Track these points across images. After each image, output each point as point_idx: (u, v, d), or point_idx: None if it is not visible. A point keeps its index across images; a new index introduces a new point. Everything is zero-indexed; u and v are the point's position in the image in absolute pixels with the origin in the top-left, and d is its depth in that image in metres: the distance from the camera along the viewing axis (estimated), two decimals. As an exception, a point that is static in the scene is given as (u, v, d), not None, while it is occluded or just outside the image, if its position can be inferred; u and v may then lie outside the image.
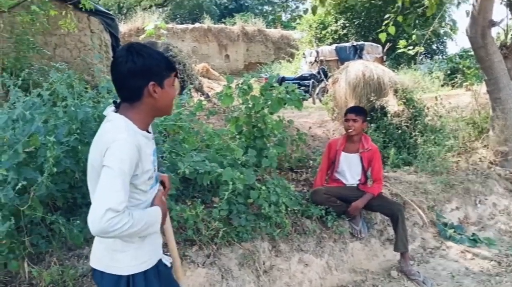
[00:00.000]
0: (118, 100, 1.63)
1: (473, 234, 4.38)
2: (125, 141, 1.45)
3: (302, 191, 4.17)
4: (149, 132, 1.64)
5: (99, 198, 1.40)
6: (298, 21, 18.26)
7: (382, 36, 5.80)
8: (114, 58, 1.56)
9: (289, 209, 3.60)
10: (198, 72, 14.57)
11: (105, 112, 1.61)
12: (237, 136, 3.92)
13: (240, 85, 3.51)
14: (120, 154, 1.44)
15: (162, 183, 1.94)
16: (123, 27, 18.35)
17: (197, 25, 20.44)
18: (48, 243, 2.37)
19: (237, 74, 19.04)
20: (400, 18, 5.78)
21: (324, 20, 17.34)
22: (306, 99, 11.24)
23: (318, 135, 7.20)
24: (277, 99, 3.59)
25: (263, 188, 3.42)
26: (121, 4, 25.02)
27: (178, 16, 28.31)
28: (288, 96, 3.65)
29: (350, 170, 3.93)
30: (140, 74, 1.51)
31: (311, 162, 5.05)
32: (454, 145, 5.66)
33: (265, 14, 28.18)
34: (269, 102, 3.64)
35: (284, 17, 30.63)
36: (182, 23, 22.09)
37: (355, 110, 3.93)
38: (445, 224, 4.45)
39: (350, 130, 3.84)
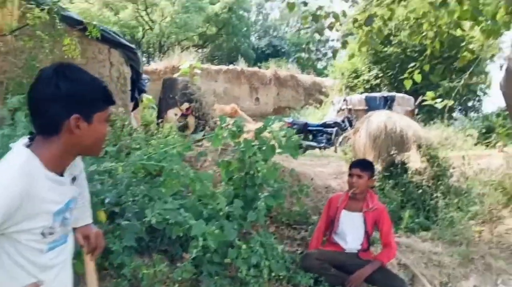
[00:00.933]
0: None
1: (495, 322, 3.73)
2: (8, 180, 1.13)
3: (295, 251, 3.70)
4: (62, 176, 1.30)
5: None
6: (331, 68, 18.14)
7: (407, 83, 5.42)
8: (36, 77, 1.25)
9: (272, 274, 3.13)
10: (225, 113, 14.54)
11: (12, 144, 1.28)
12: (226, 183, 3.56)
13: (229, 127, 3.18)
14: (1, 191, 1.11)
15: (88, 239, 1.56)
16: (159, 65, 18.82)
17: (231, 67, 20.72)
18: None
19: (266, 117, 18.96)
20: (426, 67, 5.39)
21: (357, 69, 17.11)
22: (328, 148, 10.84)
23: (332, 188, 6.71)
24: (270, 145, 3.22)
25: (244, 246, 2.99)
26: (162, 43, 25.90)
27: (216, 57, 28.96)
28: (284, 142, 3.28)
29: (351, 232, 3.44)
30: (62, 103, 1.20)
31: (314, 217, 4.58)
32: (479, 212, 5.05)
33: (301, 60, 28.35)
34: (263, 148, 3.28)
35: (320, 64, 30.82)
36: (218, 65, 22.50)
37: (361, 165, 3.50)
38: (462, 306, 3.82)
39: (353, 188, 3.40)
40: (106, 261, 2.57)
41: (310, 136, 10.60)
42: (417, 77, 5.29)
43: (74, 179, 1.39)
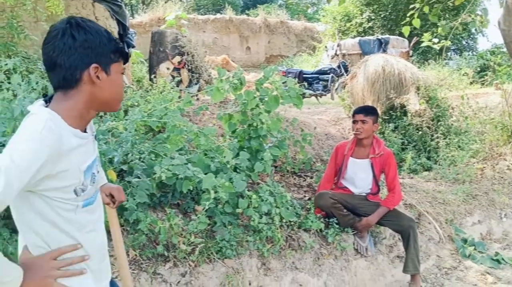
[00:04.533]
0: (50, 94, 1.26)
1: (497, 253, 3.86)
2: (38, 131, 1.08)
3: (303, 198, 3.74)
4: (86, 132, 1.27)
5: None
6: (322, 13, 17.66)
7: (406, 30, 5.30)
8: (48, 32, 1.19)
9: (283, 221, 3.18)
10: (216, 64, 14.25)
11: (30, 107, 1.22)
12: (231, 137, 3.52)
13: (231, 79, 3.09)
14: (20, 152, 1.06)
15: (112, 197, 1.60)
16: (144, 17, 18.22)
17: (218, 15, 20.09)
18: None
19: (258, 67, 18.64)
20: (426, 9, 5.24)
21: (349, 12, 16.67)
22: (325, 95, 10.77)
23: (332, 134, 6.73)
24: (273, 96, 3.15)
25: (254, 196, 3.01)
26: (145, -6, 24.89)
27: (202, 7, 27.98)
28: (287, 92, 3.22)
29: (359, 178, 3.46)
30: (79, 53, 1.16)
31: (318, 164, 4.61)
32: (479, 150, 5.11)
33: (290, 6, 27.47)
34: (265, 99, 3.22)
35: (310, 9, 29.91)
36: (204, 14, 21.77)
37: (365, 110, 3.45)
38: (465, 240, 3.94)
39: (358, 133, 3.38)
40: (121, 218, 2.58)
41: (306, 84, 10.47)
42: (416, 22, 5.15)
43: (95, 138, 1.37)
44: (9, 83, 2.23)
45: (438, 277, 3.59)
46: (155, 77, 6.99)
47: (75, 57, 1.17)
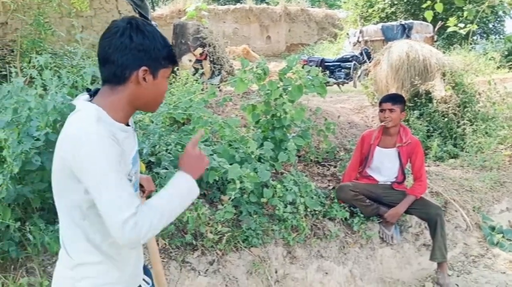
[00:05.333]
0: (94, 88, 1.34)
1: (526, 241, 3.80)
2: (99, 134, 1.16)
3: (327, 187, 3.75)
4: (128, 125, 1.33)
5: (107, 213, 1.15)
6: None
7: (429, 15, 5.16)
8: (108, 28, 1.26)
9: (308, 210, 3.20)
10: (236, 54, 14.25)
11: (75, 101, 1.30)
12: (254, 127, 3.55)
13: (254, 70, 3.11)
14: (100, 148, 1.15)
15: (141, 186, 1.67)
16: (165, 9, 18.30)
17: (238, 5, 20.00)
18: (22, 250, 2.14)
19: (279, 56, 18.55)
20: (450, -8, 5.11)
21: (371, -3, 16.37)
22: (347, 83, 10.65)
23: (356, 123, 6.67)
24: (297, 86, 3.16)
25: (279, 186, 3.04)
26: (165, -14, 24.99)
27: (222, -3, 27.91)
28: (310, 81, 3.22)
29: (385, 167, 3.44)
30: (133, 54, 1.23)
31: (341, 153, 4.60)
32: (507, 136, 4.98)
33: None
34: (289, 89, 3.22)
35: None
36: (224, 4, 21.74)
37: (392, 98, 3.40)
38: (493, 228, 3.89)
39: (386, 122, 3.35)
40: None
41: (328, 73, 10.37)
42: (439, 7, 5.03)
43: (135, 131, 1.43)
44: (41, 79, 2.31)
45: (465, 265, 3.56)
46: (178, 69, 7.05)
47: (128, 57, 1.23)
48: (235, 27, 19.37)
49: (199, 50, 7.47)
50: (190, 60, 7.57)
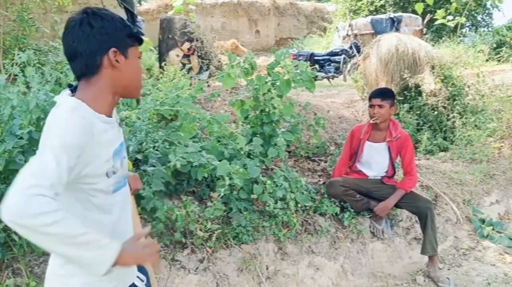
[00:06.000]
0: (76, 84, 1.31)
1: (516, 233, 3.82)
2: (69, 119, 1.14)
3: (317, 183, 3.73)
4: (111, 117, 1.30)
5: (22, 174, 1.04)
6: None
7: (419, 7, 5.15)
8: (66, 24, 1.25)
9: (299, 206, 3.18)
10: (225, 49, 14.16)
11: (56, 97, 1.28)
12: (243, 123, 3.51)
13: (242, 64, 3.07)
14: (63, 127, 1.12)
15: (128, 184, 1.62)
16: (152, 4, 18.10)
17: (226, -1, 19.86)
18: (7, 251, 2.08)
19: (268, 51, 18.47)
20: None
21: (360, -9, 16.33)
22: (337, 77, 10.63)
23: (346, 117, 6.66)
24: (285, 81, 3.12)
25: (269, 182, 3.01)
26: (152, -20, 24.70)
27: (210, -9, 27.69)
28: (299, 76, 3.18)
29: (375, 161, 3.43)
30: (97, 39, 1.22)
31: (332, 148, 4.57)
32: (496, 128, 5.00)
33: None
34: (277, 84, 3.18)
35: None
36: (212, -2, 21.56)
37: (381, 94, 3.36)
38: (483, 221, 3.91)
39: (375, 119, 3.33)
40: (139, 207, 2.60)
41: (317, 67, 10.35)
42: (429, -1, 5.00)
43: (119, 125, 1.40)
44: (24, 76, 2.24)
45: (456, 258, 3.57)
46: (165, 64, 6.97)
47: (94, 43, 1.21)
48: (223, 22, 19.24)
49: (187, 45, 7.37)
50: (177, 55, 7.47)
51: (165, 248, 2.63)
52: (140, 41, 1.33)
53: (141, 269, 1.55)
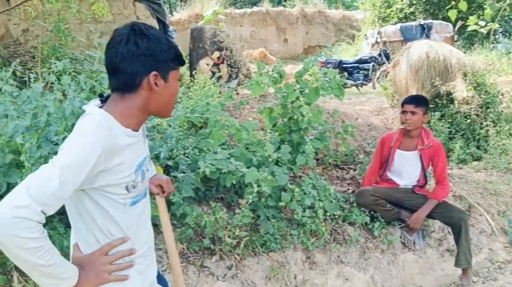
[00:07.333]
0: (106, 94, 1.33)
1: (555, 246, 3.66)
2: (89, 134, 1.14)
3: (346, 191, 3.69)
4: (136, 131, 1.30)
5: (23, 184, 1.06)
6: (361, 0, 17.22)
7: (452, 14, 5.04)
8: (112, 37, 1.25)
9: (327, 214, 3.15)
10: (253, 57, 14.24)
11: (85, 106, 1.28)
12: (271, 130, 3.52)
13: (270, 73, 3.08)
14: (82, 143, 1.12)
15: (161, 187, 1.65)
16: (183, 14, 18.44)
17: (255, 9, 20.03)
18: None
19: (296, 59, 18.48)
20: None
21: (389, -2, 16.14)
22: (366, 84, 10.52)
23: (375, 125, 6.57)
24: (314, 88, 3.11)
25: (297, 189, 2.99)
26: (183, -10, 25.22)
27: (239, 0, 28.02)
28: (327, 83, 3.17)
29: (406, 170, 3.36)
30: (141, 60, 1.21)
31: (361, 156, 4.52)
32: (533, 137, 4.83)
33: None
34: (305, 91, 3.18)
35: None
36: (241, 8, 21.79)
37: (415, 100, 3.30)
38: (520, 233, 3.76)
39: (406, 125, 3.27)
40: (169, 212, 2.64)
41: (346, 74, 10.27)
42: (462, 5, 4.89)
43: (146, 137, 1.42)
44: (60, 84, 2.32)
45: (490, 271, 3.44)
46: (195, 73, 7.08)
47: (137, 64, 1.21)
48: (252, 31, 19.39)
49: (216, 54, 7.47)
50: (207, 64, 7.58)
51: (194, 254, 2.66)
52: (182, 63, 1.32)
53: (162, 281, 1.57)
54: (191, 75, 7.28)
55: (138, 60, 1.21)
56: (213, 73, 7.27)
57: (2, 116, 2.01)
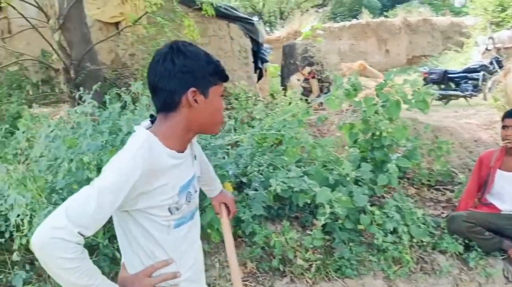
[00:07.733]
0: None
1: None
2: (131, 157, 1.14)
3: (440, 215, 3.32)
4: (182, 152, 1.29)
5: (63, 206, 1.10)
6: (471, 5, 15.88)
7: None
8: (152, 57, 1.27)
9: (414, 240, 2.85)
10: (353, 70, 13.88)
11: (136, 127, 1.31)
12: (352, 147, 3.32)
13: (345, 85, 2.92)
14: (122, 167, 1.13)
15: (227, 207, 1.65)
16: (282, 32, 18.80)
17: (354, 21, 19.62)
18: (114, 265, 2.25)
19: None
20: None
21: (503, 1, 14.61)
22: (476, 95, 9.57)
23: (483, 140, 5.88)
24: (395, 102, 2.87)
25: (377, 212, 2.76)
26: (282, 9, 25.81)
27: (338, 14, 27.76)
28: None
29: (509, 193, 2.93)
30: (178, 78, 1.19)
31: (461, 176, 4.05)
32: None
33: (434, 1, 25.42)
34: (387, 105, 2.95)
35: (457, 2, 27.19)
36: (341, 21, 21.52)
37: None
38: None
39: (508, 141, 2.86)
40: (239, 230, 2.62)
41: (453, 85, 9.46)
42: None
43: (195, 158, 1.39)
44: (135, 105, 2.45)
45: None
46: (284, 89, 7.11)
47: (174, 81, 1.19)
48: (352, 43, 18.98)
49: (307, 69, 7.43)
50: (298, 80, 7.57)
51: (264, 274, 2.59)
52: (225, 79, 1.28)
53: None
54: (284, 90, 7.31)
55: (175, 78, 1.19)
56: (304, 88, 7.23)
57: (81, 135, 2.17)
